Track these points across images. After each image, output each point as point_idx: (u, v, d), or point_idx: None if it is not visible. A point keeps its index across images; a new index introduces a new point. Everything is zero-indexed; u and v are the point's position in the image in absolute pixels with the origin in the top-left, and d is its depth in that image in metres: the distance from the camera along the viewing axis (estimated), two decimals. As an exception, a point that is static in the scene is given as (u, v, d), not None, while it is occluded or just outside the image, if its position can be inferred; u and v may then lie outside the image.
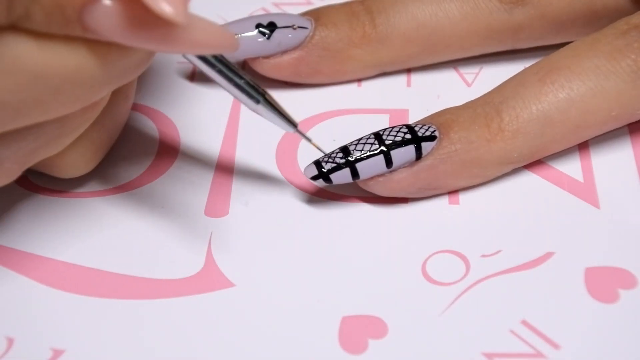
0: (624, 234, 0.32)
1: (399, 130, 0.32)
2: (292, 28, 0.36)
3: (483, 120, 0.32)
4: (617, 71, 0.32)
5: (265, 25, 0.36)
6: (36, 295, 0.31)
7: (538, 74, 0.32)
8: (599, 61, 0.32)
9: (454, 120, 0.32)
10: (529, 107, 0.32)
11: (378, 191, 0.33)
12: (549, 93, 0.32)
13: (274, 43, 0.36)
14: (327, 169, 0.32)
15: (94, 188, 0.34)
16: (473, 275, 0.31)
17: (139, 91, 0.38)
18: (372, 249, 0.32)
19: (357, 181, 0.32)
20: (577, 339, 0.29)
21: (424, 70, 0.38)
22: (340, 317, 0.30)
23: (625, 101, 0.32)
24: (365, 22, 0.36)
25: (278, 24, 0.36)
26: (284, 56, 0.36)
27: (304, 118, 0.37)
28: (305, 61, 0.36)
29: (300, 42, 0.36)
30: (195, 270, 0.32)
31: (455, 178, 0.33)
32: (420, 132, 0.32)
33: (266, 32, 0.36)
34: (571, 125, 0.32)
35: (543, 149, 0.33)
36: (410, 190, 0.33)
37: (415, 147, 0.32)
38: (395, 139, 0.32)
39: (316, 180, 0.32)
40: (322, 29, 0.36)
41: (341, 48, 0.36)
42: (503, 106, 0.32)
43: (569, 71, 0.32)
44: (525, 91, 0.32)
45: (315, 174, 0.32)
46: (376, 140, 0.32)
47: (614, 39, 0.32)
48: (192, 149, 0.36)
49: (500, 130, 0.32)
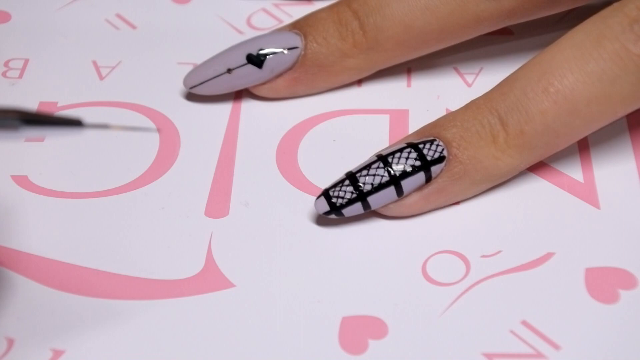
0: (624, 234, 0.32)
1: (407, 157, 0.32)
2: (283, 52, 0.36)
3: (489, 136, 0.32)
4: (624, 74, 0.30)
5: (255, 55, 0.35)
6: (36, 295, 0.31)
7: (541, 82, 0.31)
8: (605, 64, 0.30)
9: (461, 136, 0.32)
10: (534, 122, 0.31)
11: (389, 214, 0.33)
12: (553, 107, 0.31)
13: (267, 71, 0.36)
14: (339, 205, 0.32)
15: (94, 188, 0.34)
16: (473, 276, 0.31)
17: (139, 91, 0.38)
18: (372, 249, 0.32)
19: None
20: (577, 339, 0.29)
21: (424, 70, 0.38)
22: (340, 317, 0.30)
23: (630, 103, 0.31)
24: (354, 29, 0.35)
25: (267, 51, 0.35)
26: (278, 80, 0.36)
27: (304, 118, 0.37)
28: (300, 80, 0.36)
29: (293, 63, 0.36)
30: (195, 271, 0.32)
31: (464, 195, 0.33)
32: (429, 155, 0.32)
33: (258, 62, 0.35)
34: (576, 134, 0.32)
35: (547, 155, 0.33)
36: (420, 211, 0.33)
37: (425, 172, 0.32)
38: (406, 169, 0.31)
39: (328, 215, 0.32)
40: (312, 45, 0.36)
41: (334, 61, 0.36)
42: (508, 119, 0.32)
43: (573, 79, 0.31)
44: (529, 103, 0.31)
45: (327, 209, 0.32)
46: (384, 167, 0.31)
47: (620, 32, 0.30)
48: (192, 149, 0.36)
49: (507, 147, 0.32)
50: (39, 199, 0.34)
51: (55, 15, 0.42)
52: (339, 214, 0.32)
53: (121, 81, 0.38)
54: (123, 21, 0.41)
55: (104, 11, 0.42)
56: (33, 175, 0.35)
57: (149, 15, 0.41)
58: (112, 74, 0.39)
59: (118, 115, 0.37)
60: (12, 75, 0.39)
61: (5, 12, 0.42)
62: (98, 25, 0.41)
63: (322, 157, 0.35)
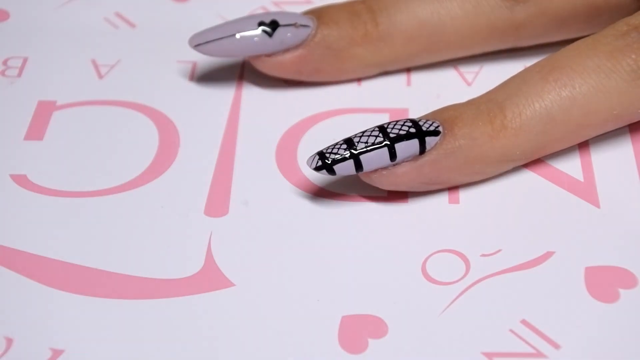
0: (624, 234, 0.32)
1: (403, 124, 0.32)
2: (295, 26, 0.36)
3: (486, 117, 0.32)
4: (617, 70, 0.32)
5: (267, 24, 0.36)
6: (35, 295, 0.31)
7: (541, 72, 0.33)
8: (599, 61, 0.32)
9: (457, 116, 0.32)
10: (532, 105, 0.32)
11: (380, 184, 0.33)
12: (551, 91, 0.32)
13: (277, 41, 0.36)
14: (331, 160, 0.32)
15: (94, 188, 0.34)
16: (473, 275, 0.31)
17: (138, 90, 0.38)
18: (372, 248, 0.32)
19: (360, 174, 0.32)
20: (577, 339, 0.29)
21: (424, 69, 0.38)
22: (340, 316, 0.30)
23: (626, 100, 0.32)
24: (366, 20, 0.36)
25: (280, 22, 0.36)
26: (286, 55, 0.36)
27: (303, 117, 0.37)
28: (307, 60, 0.36)
29: (303, 41, 0.36)
30: (195, 270, 0.32)
31: (457, 174, 0.33)
32: (425, 127, 0.32)
33: (269, 31, 0.36)
34: (573, 123, 0.32)
35: (544, 147, 0.33)
36: (412, 185, 0.33)
37: (419, 141, 0.32)
38: (400, 132, 0.32)
39: (319, 171, 0.32)
40: (324, 28, 0.36)
41: (343, 47, 0.36)
42: (506, 103, 0.32)
43: (570, 70, 0.32)
44: (528, 89, 0.32)
45: (318, 165, 0.32)
46: (380, 133, 0.32)
47: (614, 39, 0.32)
48: (191, 148, 0.36)
49: (503, 127, 0.32)
50: (37, 197, 0.34)
51: (54, 13, 0.42)
52: (330, 172, 0.32)
53: (120, 80, 0.38)
54: (122, 20, 0.41)
55: (103, 10, 0.42)
56: (32, 174, 0.35)
57: (148, 14, 0.41)
58: (112, 72, 0.39)
59: (118, 114, 0.37)
60: (10, 74, 0.39)
61: (4, 11, 0.42)
62: (97, 24, 0.41)
63: (321, 156, 0.35)
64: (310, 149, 0.34)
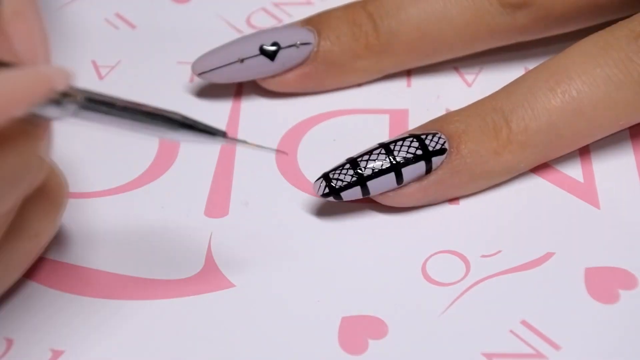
0: (624, 234, 0.32)
1: (409, 145, 0.32)
2: (296, 47, 0.36)
3: (492, 131, 0.32)
4: (628, 81, 0.31)
5: (268, 47, 0.36)
6: (35, 295, 0.31)
7: (548, 82, 0.32)
8: (610, 70, 0.31)
9: (463, 130, 0.32)
10: (539, 119, 0.32)
11: (386, 203, 0.33)
12: (558, 104, 0.32)
13: (279, 63, 0.36)
14: (338, 187, 0.32)
15: (94, 188, 0.34)
16: (473, 276, 0.31)
17: (138, 90, 0.38)
18: (372, 249, 0.32)
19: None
20: (577, 339, 0.29)
21: (424, 70, 0.38)
22: (340, 317, 0.30)
23: (633, 111, 0.32)
24: (368, 31, 0.36)
25: (282, 44, 0.36)
26: (288, 74, 0.36)
27: (304, 118, 0.37)
28: (310, 76, 0.36)
29: (305, 58, 0.36)
30: (195, 271, 0.32)
31: (462, 189, 0.33)
32: (431, 146, 0.32)
33: (270, 54, 0.36)
34: (579, 137, 0.32)
35: (547, 157, 0.33)
36: (418, 203, 0.33)
37: (426, 162, 0.32)
38: (407, 156, 0.31)
39: (326, 197, 0.32)
40: (326, 43, 0.36)
41: (345, 61, 0.36)
42: (513, 116, 0.32)
43: (579, 81, 0.31)
44: (535, 100, 0.32)
45: (326, 192, 0.32)
46: (386, 154, 0.32)
47: (626, 44, 0.32)
48: (191, 149, 0.36)
49: (509, 142, 0.32)
50: (38, 198, 0.34)
51: (54, 14, 0.42)
52: (337, 197, 0.32)
53: (121, 81, 0.38)
54: (122, 20, 0.41)
55: (103, 10, 0.42)
56: (32, 175, 0.35)
57: (148, 15, 0.41)
58: (112, 73, 0.39)
59: (117, 114, 0.37)
60: (11, 75, 0.39)
61: (4, 12, 0.42)
62: (97, 25, 0.41)
63: (322, 157, 0.35)
64: (310, 150, 0.34)
